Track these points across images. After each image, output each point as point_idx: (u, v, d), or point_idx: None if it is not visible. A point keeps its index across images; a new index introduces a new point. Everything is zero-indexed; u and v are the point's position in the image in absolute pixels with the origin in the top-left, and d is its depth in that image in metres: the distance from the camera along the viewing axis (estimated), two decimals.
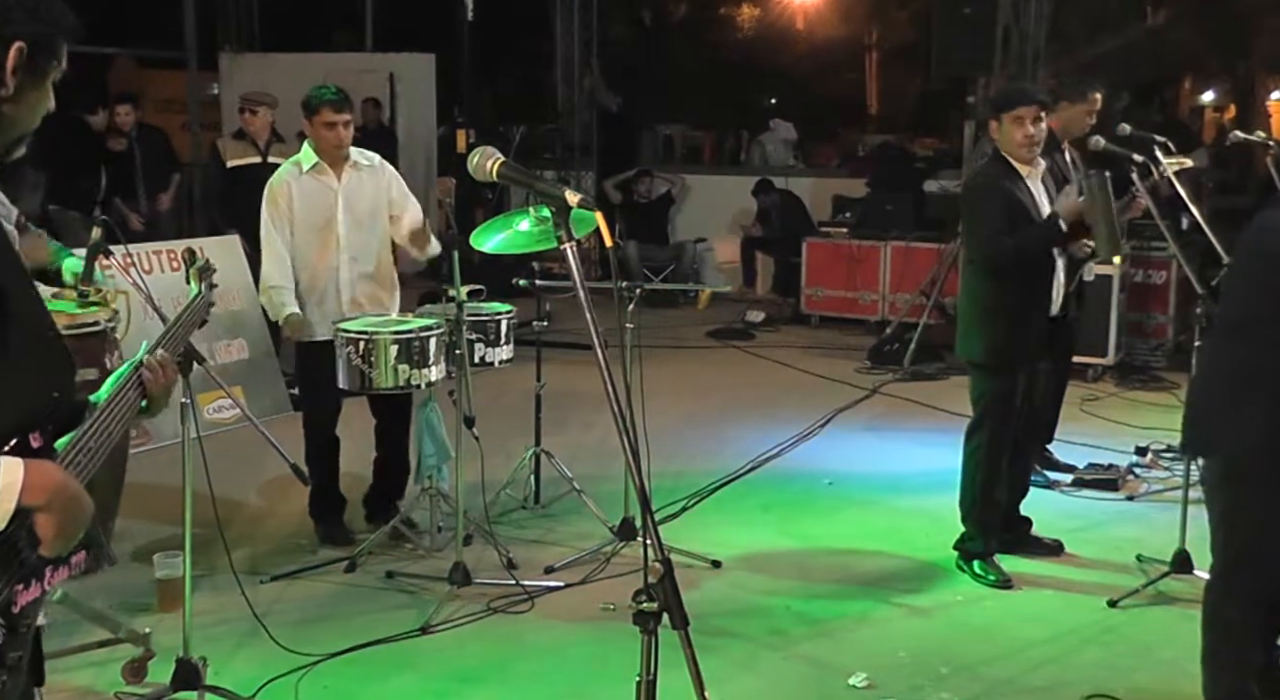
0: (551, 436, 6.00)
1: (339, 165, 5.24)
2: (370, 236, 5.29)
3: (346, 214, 5.23)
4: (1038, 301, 4.94)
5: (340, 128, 5.16)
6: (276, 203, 5.20)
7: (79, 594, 4.12)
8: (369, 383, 4.86)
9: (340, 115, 5.16)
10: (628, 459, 2.15)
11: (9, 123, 1.88)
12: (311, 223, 5.21)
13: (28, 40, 1.84)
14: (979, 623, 4.62)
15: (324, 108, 5.14)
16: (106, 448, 1.93)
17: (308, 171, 5.22)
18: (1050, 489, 6.09)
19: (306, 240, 5.22)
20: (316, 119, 5.16)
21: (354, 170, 5.28)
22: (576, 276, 2.21)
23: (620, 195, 12.80)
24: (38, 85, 1.89)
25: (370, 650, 4.30)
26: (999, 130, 4.91)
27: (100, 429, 1.92)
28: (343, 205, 5.23)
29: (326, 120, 5.14)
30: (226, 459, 5.55)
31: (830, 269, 10.92)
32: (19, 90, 1.85)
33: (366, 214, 5.28)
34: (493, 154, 2.39)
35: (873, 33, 18.36)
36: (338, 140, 5.17)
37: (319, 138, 5.19)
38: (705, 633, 4.12)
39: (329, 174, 5.23)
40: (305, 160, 5.24)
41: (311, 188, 5.22)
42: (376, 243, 5.33)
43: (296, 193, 5.20)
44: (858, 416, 7.72)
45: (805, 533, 5.62)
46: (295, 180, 5.22)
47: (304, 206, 5.21)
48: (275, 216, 5.20)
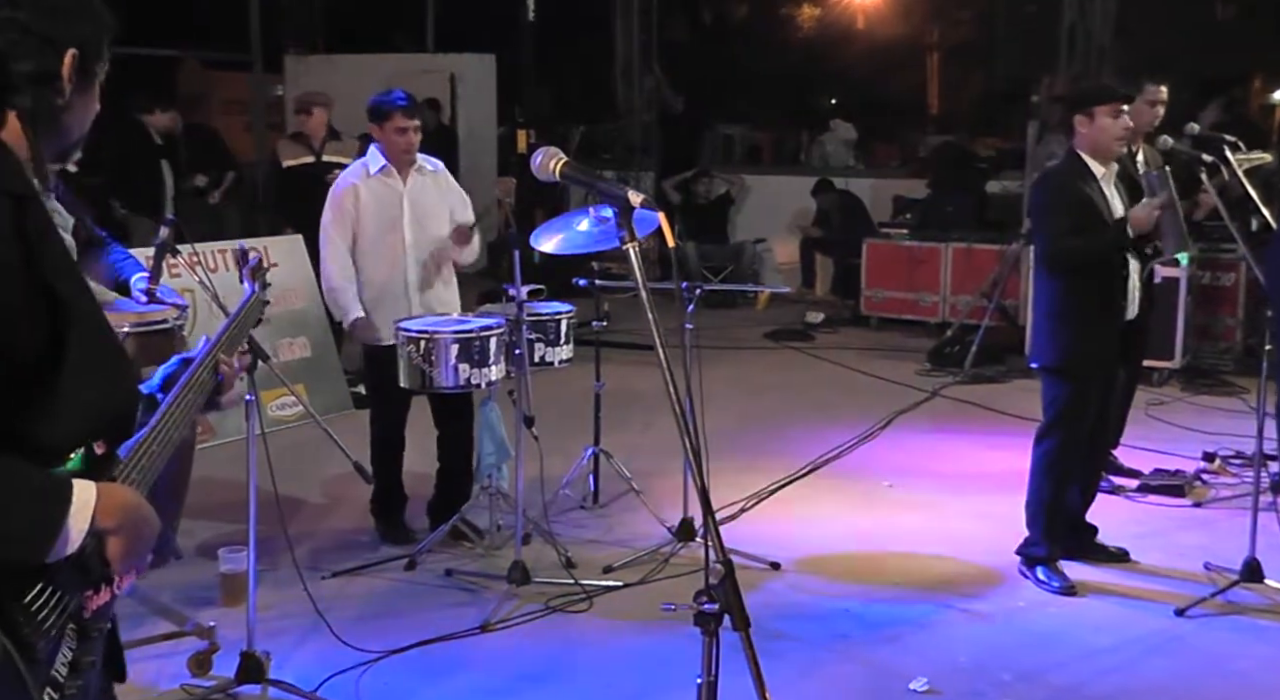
0: (610, 436, 6.00)
1: (405, 169, 5.29)
2: (435, 240, 5.33)
3: (412, 217, 5.28)
4: (1113, 305, 4.85)
5: (410, 133, 5.21)
6: (342, 206, 5.24)
7: (146, 588, 4.20)
8: (430, 382, 4.89)
9: (411, 121, 5.21)
10: (689, 460, 2.14)
11: (65, 129, 1.89)
12: (378, 226, 5.26)
13: (79, 45, 1.85)
14: (1042, 629, 4.56)
15: (396, 114, 5.18)
16: (168, 452, 1.95)
17: (375, 175, 5.27)
18: (1116, 495, 6.00)
19: (373, 243, 5.26)
20: (388, 125, 5.20)
21: (419, 174, 5.32)
22: (639, 277, 2.21)
23: (679, 195, 12.79)
24: (88, 88, 1.90)
25: (430, 647, 4.33)
26: (1090, 125, 4.81)
27: (162, 434, 1.94)
28: (409, 208, 5.27)
29: (398, 125, 5.19)
30: (289, 456, 5.62)
31: (890, 270, 10.83)
32: (72, 95, 1.86)
33: (431, 217, 5.32)
34: (555, 154, 2.39)
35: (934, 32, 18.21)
36: (408, 145, 5.22)
37: (389, 143, 5.23)
38: (765, 635, 4.09)
39: (395, 177, 5.28)
40: (372, 163, 5.28)
41: (378, 191, 5.26)
42: (441, 245, 5.37)
43: (364, 196, 5.25)
44: (918, 419, 7.65)
45: (865, 535, 5.58)
46: (362, 183, 5.26)
47: (371, 210, 5.25)
48: (339, 219, 5.24)
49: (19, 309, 1.68)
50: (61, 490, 1.69)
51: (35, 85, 1.80)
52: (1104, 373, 4.91)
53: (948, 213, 10.93)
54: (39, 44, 1.80)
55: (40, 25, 1.80)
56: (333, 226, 5.26)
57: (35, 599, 1.69)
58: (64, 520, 1.68)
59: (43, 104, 1.82)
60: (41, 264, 1.73)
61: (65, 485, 1.70)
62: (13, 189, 1.74)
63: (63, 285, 1.76)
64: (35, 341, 1.72)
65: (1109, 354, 4.88)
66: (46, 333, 1.73)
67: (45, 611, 1.70)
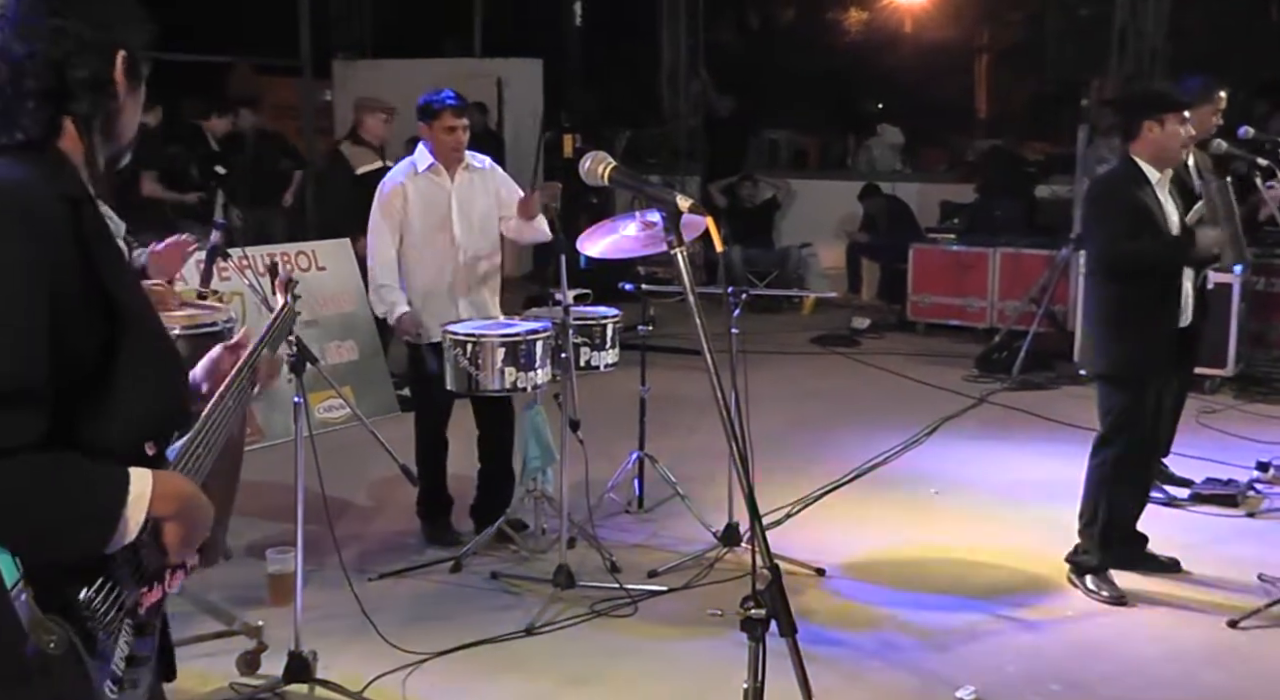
0: (655, 440, 6.00)
1: (453, 167, 5.33)
2: (482, 238, 5.37)
3: (460, 214, 5.32)
4: (1167, 312, 4.78)
5: (459, 131, 5.27)
6: (391, 204, 5.29)
7: (196, 587, 4.24)
8: (476, 385, 4.91)
9: (460, 119, 5.27)
10: (736, 465, 2.14)
11: (119, 132, 1.91)
12: (427, 224, 5.30)
13: (126, 47, 1.88)
14: (1092, 639, 4.51)
15: (445, 112, 5.24)
16: (214, 455, 1.99)
17: (422, 173, 5.31)
18: (1169, 505, 5.92)
19: (422, 240, 5.30)
20: (437, 123, 5.25)
21: (466, 172, 5.36)
22: (687, 281, 2.21)
23: (725, 199, 12.77)
24: (137, 88, 1.92)
25: (476, 650, 4.34)
26: (1160, 130, 4.73)
27: (207, 437, 1.98)
28: (456, 206, 5.32)
29: (448, 124, 5.24)
30: (336, 457, 5.65)
31: (937, 275, 10.76)
32: (125, 98, 1.89)
33: (479, 215, 5.36)
34: (604, 159, 2.40)
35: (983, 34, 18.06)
36: (456, 143, 5.27)
37: (439, 141, 5.28)
38: (810, 641, 4.07)
39: (443, 175, 5.32)
40: (420, 162, 5.33)
41: (426, 189, 5.31)
42: (488, 245, 5.41)
43: (412, 194, 5.29)
44: (965, 425, 7.59)
45: (911, 542, 5.54)
46: (410, 181, 5.31)
47: (420, 208, 5.30)
48: (387, 217, 5.29)
49: (77, 311, 1.71)
50: (119, 480, 1.73)
51: (91, 91, 1.83)
52: (1158, 380, 4.85)
53: (996, 217, 10.84)
54: (91, 49, 1.82)
55: (89, 31, 1.82)
56: (381, 224, 5.31)
57: (97, 592, 1.73)
58: (122, 509, 1.71)
59: (99, 109, 1.85)
60: (98, 267, 1.76)
61: (123, 475, 1.74)
62: (70, 193, 1.77)
63: (117, 288, 1.79)
64: (91, 344, 1.75)
65: (1163, 361, 4.81)
66: (102, 335, 1.77)
67: (105, 605, 1.74)
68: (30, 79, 1.79)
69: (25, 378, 1.64)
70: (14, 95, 1.79)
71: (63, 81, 1.80)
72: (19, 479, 1.62)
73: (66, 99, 1.81)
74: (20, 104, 1.79)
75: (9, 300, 1.65)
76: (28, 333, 1.65)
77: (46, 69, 1.79)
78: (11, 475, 1.61)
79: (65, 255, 1.71)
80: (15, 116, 1.79)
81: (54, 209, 1.73)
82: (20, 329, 1.65)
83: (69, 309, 1.70)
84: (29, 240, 1.67)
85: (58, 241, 1.71)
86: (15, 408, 1.62)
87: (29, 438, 1.63)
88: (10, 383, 1.62)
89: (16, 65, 1.79)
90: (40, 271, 1.67)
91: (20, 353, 1.64)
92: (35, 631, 1.64)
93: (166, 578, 1.89)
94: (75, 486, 1.68)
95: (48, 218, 1.71)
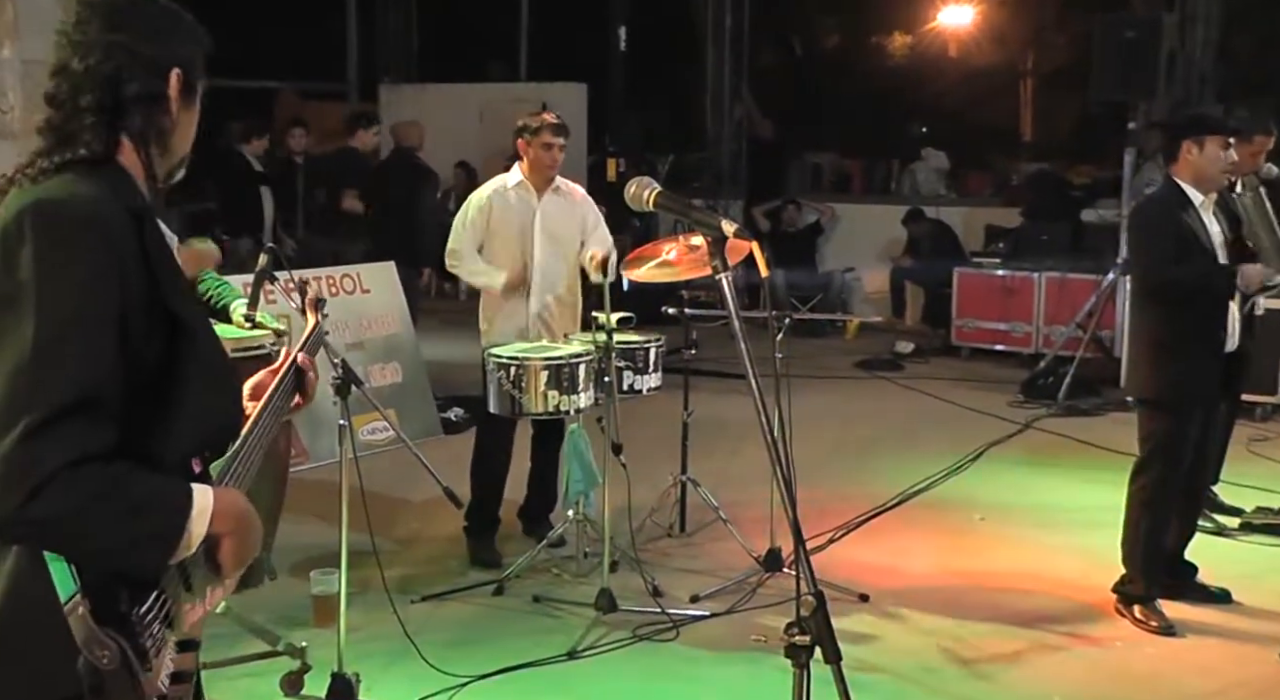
0: (698, 464, 5.99)
1: (544, 187, 5.48)
2: (561, 258, 5.51)
3: (543, 232, 5.46)
4: (1213, 335, 4.73)
5: (556, 150, 5.44)
6: (477, 212, 5.47)
7: (241, 607, 4.26)
8: (519, 408, 4.94)
9: (558, 139, 5.44)
10: (782, 490, 2.13)
11: (174, 148, 1.95)
12: (509, 235, 5.46)
13: (182, 64, 1.91)
14: (1139, 670, 4.44)
15: (545, 129, 5.42)
16: (253, 473, 2.03)
17: (512, 187, 5.49)
18: (1219, 534, 5.83)
19: (502, 253, 5.44)
20: (536, 140, 5.41)
21: (554, 194, 5.51)
22: (731, 306, 2.21)
23: (768, 223, 12.77)
24: (192, 105, 1.95)
25: (517, 674, 4.34)
26: (1199, 153, 4.72)
27: (246, 456, 2.02)
28: (540, 223, 5.46)
29: (545, 141, 5.41)
30: (379, 480, 5.69)
31: (982, 300, 10.69)
32: (179, 114, 1.92)
33: (561, 236, 5.50)
34: (649, 184, 2.41)
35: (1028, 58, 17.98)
36: (552, 161, 5.45)
37: (535, 158, 5.45)
38: (853, 668, 4.02)
39: (532, 192, 5.49)
40: (511, 178, 5.52)
41: (514, 203, 5.49)
42: (567, 266, 5.53)
43: (498, 207, 5.47)
44: (1010, 451, 7.52)
45: (956, 568, 5.49)
46: (498, 195, 5.49)
47: (503, 219, 5.47)
48: (472, 223, 5.48)
49: (141, 324, 1.74)
50: (183, 496, 1.75)
51: (145, 107, 1.86)
52: (1204, 406, 4.79)
53: (1042, 242, 10.77)
54: (145, 66, 1.86)
55: (144, 47, 1.86)
56: (463, 229, 5.50)
57: (151, 607, 1.74)
58: (186, 525, 1.73)
59: (152, 124, 1.88)
60: (159, 281, 1.78)
61: (187, 490, 1.76)
62: (133, 206, 1.80)
63: (177, 302, 1.82)
64: (153, 357, 1.77)
65: (1209, 386, 4.76)
66: (163, 348, 1.78)
67: (155, 621, 1.75)
68: (87, 94, 1.83)
69: (99, 388, 1.66)
70: (74, 111, 1.83)
71: (117, 97, 1.84)
72: (90, 490, 1.63)
73: (121, 114, 1.84)
74: (80, 120, 1.83)
75: (83, 313, 1.67)
76: (101, 345, 1.68)
77: (101, 84, 1.83)
78: (83, 486, 1.62)
79: (133, 269, 1.74)
80: (77, 133, 1.83)
81: (121, 222, 1.75)
82: (94, 341, 1.67)
83: (135, 322, 1.73)
84: (100, 253, 1.70)
85: (125, 254, 1.73)
86: (86, 417, 1.64)
87: (99, 449, 1.64)
88: (85, 393, 1.64)
89: (75, 81, 1.84)
90: (111, 283, 1.70)
91: (94, 364, 1.66)
92: (89, 646, 1.65)
93: (209, 594, 1.91)
94: (143, 500, 1.70)
95: (116, 231, 1.74)
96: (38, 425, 1.60)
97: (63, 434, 1.61)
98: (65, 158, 1.81)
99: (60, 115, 1.84)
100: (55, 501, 1.60)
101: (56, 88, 1.85)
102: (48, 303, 1.65)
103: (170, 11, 1.94)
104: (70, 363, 1.64)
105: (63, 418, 1.61)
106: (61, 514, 1.61)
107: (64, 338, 1.65)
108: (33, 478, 1.59)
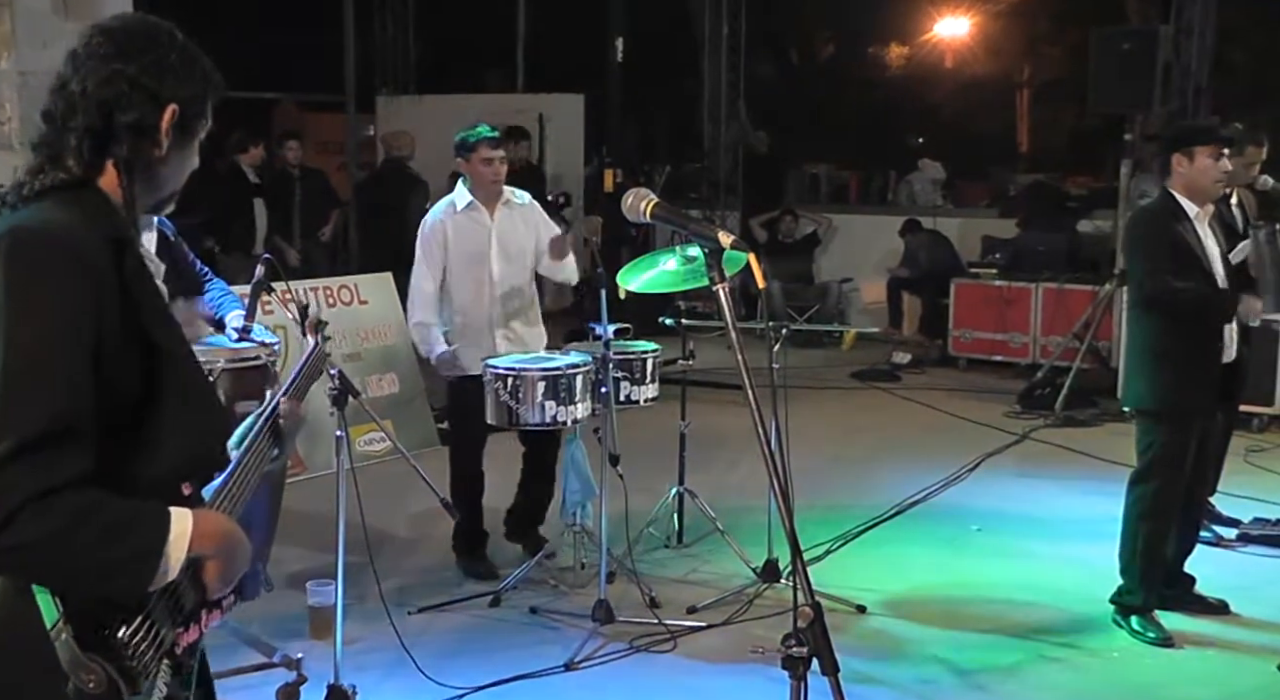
0: (695, 475, 5.99)
1: (493, 203, 5.37)
2: (521, 273, 5.41)
3: (500, 251, 5.35)
4: (1211, 346, 4.73)
5: (497, 163, 5.30)
6: (431, 243, 5.33)
7: (237, 619, 4.25)
8: (516, 419, 4.93)
9: (496, 151, 5.31)
10: (778, 502, 2.13)
11: (160, 182, 1.96)
12: (465, 260, 5.33)
13: (181, 102, 1.92)
14: (1137, 681, 4.44)
15: (481, 145, 5.27)
16: (248, 495, 2.03)
17: (462, 210, 5.35)
18: (1216, 545, 5.82)
19: (460, 277, 5.34)
20: (474, 156, 5.28)
21: (506, 208, 5.40)
22: (729, 317, 2.21)
23: (765, 234, 12.78)
24: (186, 144, 1.97)
25: (515, 685, 4.33)
26: (1189, 165, 4.72)
27: (241, 478, 2.02)
28: (496, 243, 5.35)
29: (484, 156, 5.27)
30: (376, 490, 5.67)
31: (979, 310, 10.70)
32: (170, 150, 1.93)
33: (517, 251, 5.39)
34: (646, 195, 2.41)
35: (1024, 69, 18.04)
36: (495, 175, 5.30)
37: (476, 174, 5.32)
38: (850, 679, 4.01)
39: (482, 211, 5.36)
40: (459, 199, 5.37)
41: (466, 225, 5.35)
42: (526, 279, 5.44)
43: (452, 232, 5.33)
44: (1007, 462, 7.52)
45: (953, 580, 5.48)
46: (450, 219, 5.35)
47: (458, 244, 5.33)
48: (429, 256, 5.33)
49: (119, 352, 1.74)
50: (161, 520, 1.75)
51: (134, 136, 1.87)
52: (1201, 416, 4.79)
53: (1038, 252, 10.78)
54: (143, 97, 1.87)
55: (146, 80, 1.87)
56: (423, 263, 5.35)
57: (135, 632, 1.74)
58: (164, 548, 1.73)
59: (139, 154, 1.89)
60: (138, 308, 1.79)
61: (164, 514, 1.76)
62: (113, 234, 1.81)
63: (157, 330, 1.83)
64: (132, 384, 1.78)
65: (1207, 396, 4.75)
66: (141, 376, 1.79)
67: (144, 645, 1.74)
68: (80, 115, 1.84)
69: (71, 417, 1.67)
70: (63, 129, 1.85)
71: (109, 123, 1.85)
72: (62, 517, 1.63)
73: (109, 140, 1.86)
74: (66, 139, 1.85)
75: (56, 341, 1.68)
76: (74, 373, 1.68)
77: (95, 108, 1.84)
78: (55, 514, 1.63)
79: (109, 297, 1.74)
80: (61, 153, 1.84)
81: (99, 251, 1.76)
82: (66, 370, 1.68)
83: (112, 350, 1.73)
84: (76, 282, 1.71)
85: (102, 283, 1.74)
86: (61, 446, 1.65)
87: (73, 476, 1.65)
88: (56, 422, 1.65)
89: (71, 101, 1.85)
90: (86, 313, 1.71)
91: (67, 392, 1.67)
92: (75, 671, 1.65)
93: (203, 617, 1.91)
94: (118, 525, 1.70)
95: (92, 259, 1.74)
96: (9, 455, 1.61)
97: (35, 462, 1.62)
98: (46, 183, 1.83)
99: (51, 132, 1.87)
100: (27, 529, 1.61)
101: (53, 104, 1.88)
102: (20, 331, 1.67)
103: (186, 52, 1.95)
104: (42, 391, 1.65)
105: (35, 446, 1.62)
106: (34, 541, 1.62)
107: (36, 366, 1.66)
108: (4, 506, 1.60)
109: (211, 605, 1.91)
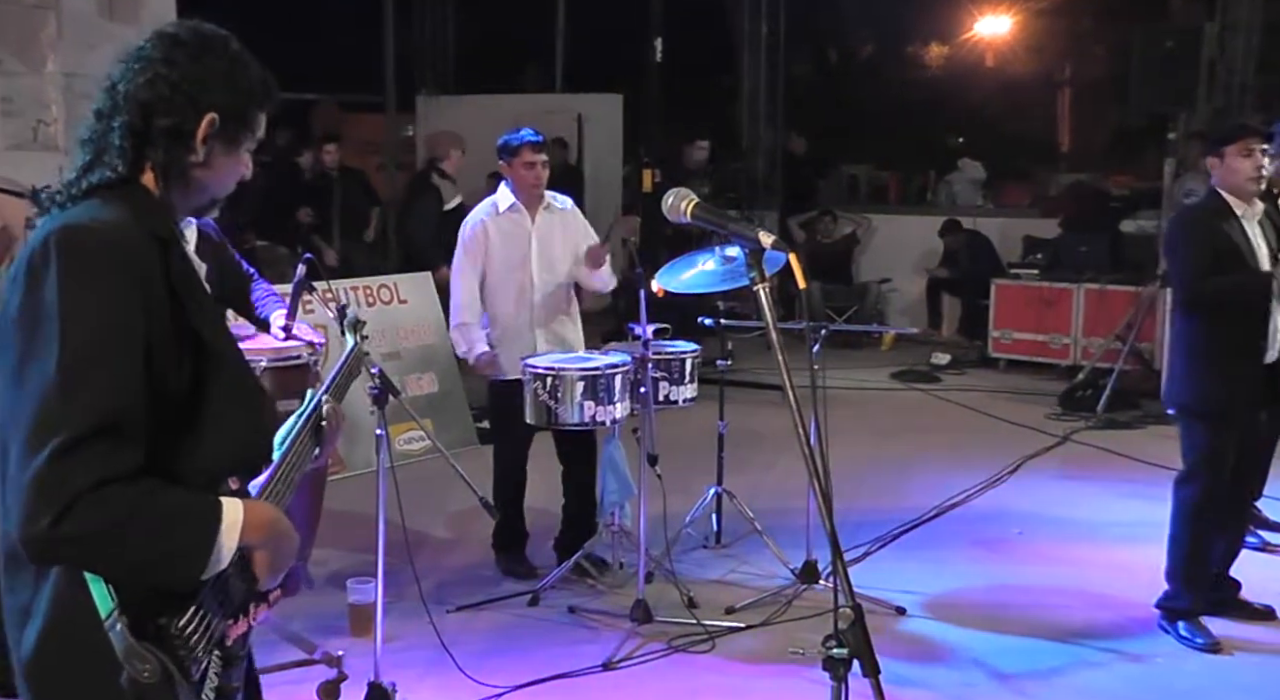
0: (733, 475, 5.97)
1: (534, 206, 5.37)
2: (560, 277, 5.40)
3: (540, 255, 5.36)
4: (1253, 346, 4.67)
5: (539, 168, 5.30)
6: (472, 244, 5.35)
7: (279, 616, 4.27)
8: (555, 418, 4.94)
9: (539, 155, 5.31)
10: (819, 502, 2.12)
11: (199, 186, 1.97)
12: (507, 263, 5.34)
13: (220, 111, 1.93)
14: (1182, 687, 4.39)
15: (524, 149, 5.28)
16: (291, 491, 2.05)
17: (504, 212, 5.36)
18: (1262, 550, 5.75)
19: (501, 280, 5.35)
20: (516, 160, 5.29)
21: (547, 212, 5.40)
22: (769, 318, 2.20)
23: (804, 234, 12.74)
24: (229, 152, 1.98)
25: (552, 684, 4.34)
26: (1221, 166, 4.68)
27: (284, 476, 2.04)
28: (536, 246, 5.36)
29: (526, 160, 5.28)
30: (415, 489, 5.69)
31: (1020, 311, 10.62)
32: (209, 156, 1.94)
33: (558, 255, 5.39)
34: (687, 195, 2.40)
35: (1066, 68, 17.87)
36: (536, 179, 5.30)
37: (518, 178, 5.32)
38: (890, 681, 3.99)
39: (524, 214, 5.37)
40: (502, 201, 5.38)
41: (507, 228, 5.36)
42: (566, 283, 5.44)
43: (493, 233, 5.35)
44: (1048, 464, 7.46)
45: (993, 582, 5.44)
46: (491, 221, 5.36)
47: (500, 247, 5.35)
48: (470, 258, 5.35)
49: (167, 349, 1.76)
50: (212, 510, 1.78)
51: (169, 140, 1.90)
52: (1244, 417, 4.73)
53: (1080, 253, 10.69)
54: (182, 103, 1.90)
55: (188, 86, 1.90)
56: (464, 264, 5.36)
57: (189, 622, 1.76)
58: (216, 538, 1.76)
59: (174, 159, 1.91)
60: (185, 306, 1.82)
61: (216, 505, 1.79)
62: (158, 232, 1.83)
63: (204, 326, 1.85)
64: (180, 380, 1.80)
65: (1250, 396, 4.69)
66: (190, 372, 1.82)
67: (196, 635, 1.77)
68: (122, 115, 1.88)
69: (123, 411, 1.70)
70: (108, 127, 1.89)
71: (148, 125, 1.88)
72: (117, 508, 1.66)
73: (147, 142, 1.89)
74: (110, 137, 1.88)
75: (107, 337, 1.71)
76: (125, 368, 1.71)
77: (135, 109, 1.88)
78: (110, 505, 1.66)
79: (157, 293, 1.77)
80: (105, 150, 1.88)
81: (147, 249, 1.79)
82: (118, 365, 1.71)
83: (160, 347, 1.76)
84: (123, 278, 1.74)
85: (150, 280, 1.77)
86: (113, 440, 1.68)
87: (126, 469, 1.68)
88: (109, 416, 1.68)
89: (116, 99, 1.89)
90: (135, 309, 1.73)
91: (118, 387, 1.70)
92: (130, 660, 1.67)
93: (252, 610, 1.93)
94: (172, 515, 1.73)
95: (141, 257, 1.77)
96: (63, 448, 1.64)
97: (88, 456, 1.65)
98: (94, 181, 1.86)
99: (99, 128, 1.90)
100: (84, 520, 1.64)
101: (101, 102, 1.91)
102: (72, 328, 1.69)
103: (237, 62, 1.97)
104: (94, 387, 1.68)
105: (89, 441, 1.66)
106: (91, 531, 1.65)
107: (88, 362, 1.69)
108: (61, 498, 1.63)
109: (259, 598, 1.93)
